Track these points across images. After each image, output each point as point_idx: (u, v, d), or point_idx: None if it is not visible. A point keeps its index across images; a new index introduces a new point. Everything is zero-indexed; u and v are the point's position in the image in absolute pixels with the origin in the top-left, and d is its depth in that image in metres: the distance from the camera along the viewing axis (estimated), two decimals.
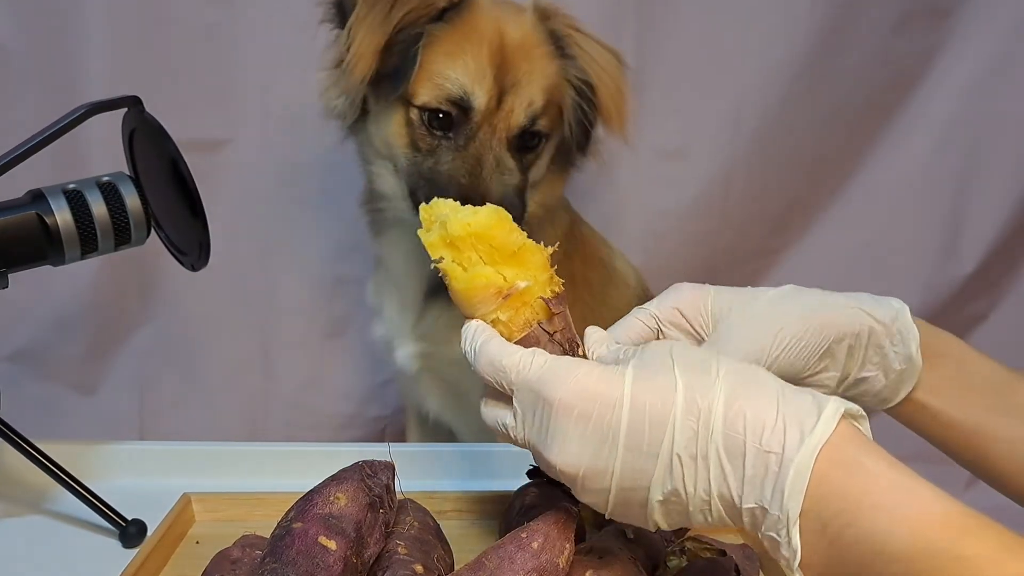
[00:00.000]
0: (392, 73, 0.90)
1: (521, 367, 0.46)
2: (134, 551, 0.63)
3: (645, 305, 0.59)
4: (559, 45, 0.95)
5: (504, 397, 0.48)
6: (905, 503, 0.38)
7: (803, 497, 0.39)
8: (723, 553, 0.59)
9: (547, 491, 0.65)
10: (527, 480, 0.68)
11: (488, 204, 0.53)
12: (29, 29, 1.14)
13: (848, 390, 0.58)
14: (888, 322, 0.56)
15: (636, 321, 0.57)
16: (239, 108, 1.20)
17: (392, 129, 0.94)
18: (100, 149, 1.14)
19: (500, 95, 0.90)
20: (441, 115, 0.91)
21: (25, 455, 0.70)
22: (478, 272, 0.51)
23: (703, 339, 0.56)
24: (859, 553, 0.38)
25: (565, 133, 0.98)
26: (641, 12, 1.20)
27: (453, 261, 0.52)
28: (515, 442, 0.48)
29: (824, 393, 0.43)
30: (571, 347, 0.51)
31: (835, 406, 0.41)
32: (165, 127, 0.69)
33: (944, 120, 1.29)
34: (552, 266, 0.53)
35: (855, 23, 1.23)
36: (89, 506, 0.71)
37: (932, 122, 1.29)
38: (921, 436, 0.61)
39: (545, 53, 0.94)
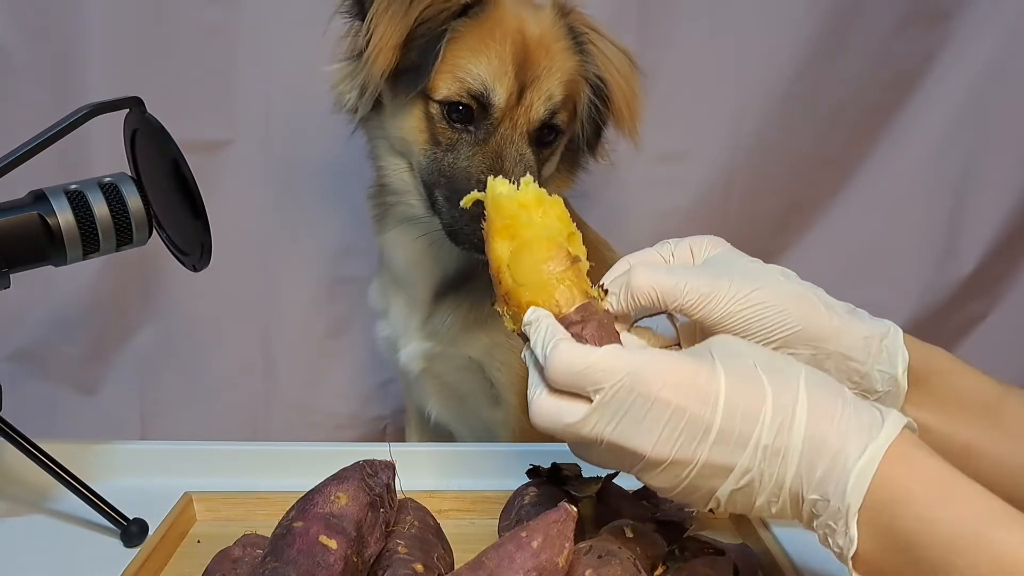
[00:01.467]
0: (412, 68, 0.89)
1: (607, 365, 0.46)
2: (135, 550, 0.63)
3: (668, 240, 0.59)
4: (577, 41, 0.96)
5: (570, 396, 0.47)
6: (949, 495, 0.42)
7: (865, 492, 0.43)
8: (722, 553, 0.59)
9: (547, 491, 0.65)
10: (527, 480, 0.68)
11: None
12: (29, 30, 1.14)
13: None
14: (877, 336, 0.54)
15: (654, 253, 0.58)
16: (240, 108, 1.20)
17: (411, 124, 0.94)
18: (102, 150, 1.14)
19: (521, 90, 0.91)
20: (461, 107, 0.91)
21: (27, 454, 0.71)
22: (555, 228, 0.52)
23: None
24: (906, 540, 0.42)
25: (577, 131, 0.98)
26: (643, 14, 1.21)
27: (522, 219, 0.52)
28: (582, 439, 0.47)
29: None
30: (610, 323, 0.52)
31: (898, 415, 0.45)
32: (166, 128, 0.69)
33: (944, 121, 1.29)
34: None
35: (855, 25, 1.23)
36: (90, 505, 0.71)
37: (932, 124, 1.29)
38: None
39: (564, 48, 0.95)
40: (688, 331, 0.58)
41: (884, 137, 1.31)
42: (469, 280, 1.01)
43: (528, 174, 0.55)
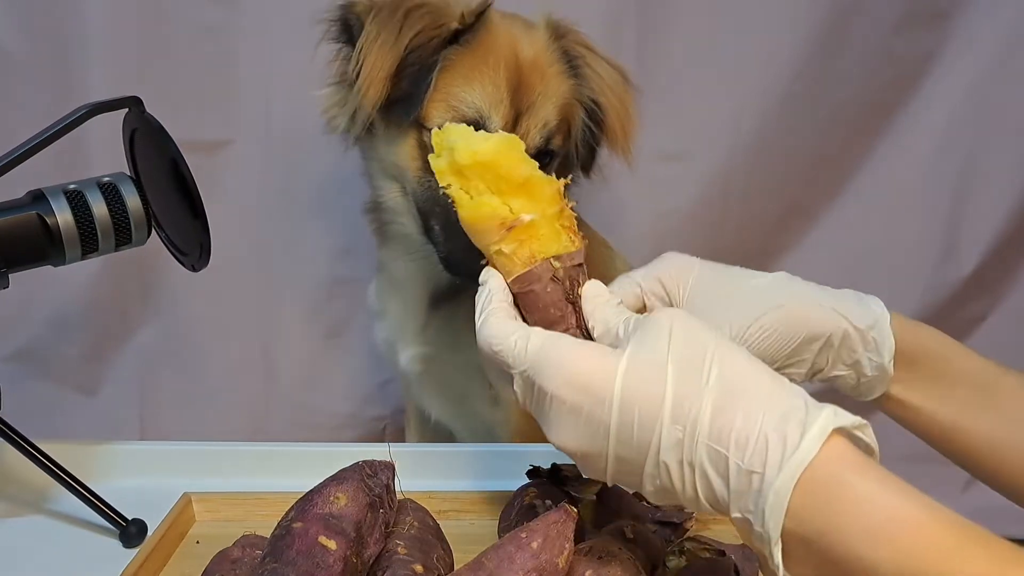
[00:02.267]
0: (404, 98, 0.88)
1: (516, 352, 0.47)
2: (134, 551, 0.63)
3: (631, 272, 0.59)
4: (571, 64, 0.94)
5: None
6: (890, 526, 0.37)
7: (784, 517, 0.38)
8: (722, 553, 0.59)
9: (547, 491, 0.65)
10: (527, 480, 0.68)
11: (500, 132, 0.53)
12: (29, 30, 1.14)
13: (821, 382, 0.59)
14: (864, 328, 0.57)
15: (620, 288, 0.58)
16: (239, 108, 1.20)
17: (404, 152, 0.92)
18: (101, 149, 1.14)
19: (516, 118, 0.89)
20: None
21: (26, 455, 0.70)
22: (483, 202, 0.50)
23: None
24: (849, 571, 0.38)
25: (571, 152, 0.97)
26: (642, 14, 1.20)
27: (461, 188, 0.51)
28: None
29: None
30: (572, 286, 0.51)
31: (823, 423, 0.39)
32: (166, 127, 0.69)
33: (944, 121, 1.29)
34: (563, 199, 0.52)
35: (855, 24, 1.23)
36: (90, 506, 0.71)
37: (932, 123, 1.29)
38: (904, 427, 0.61)
39: (558, 72, 0.93)
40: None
41: (884, 137, 1.31)
42: (464, 289, 1.00)
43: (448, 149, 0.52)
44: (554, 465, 0.68)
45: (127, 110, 0.71)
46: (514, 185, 0.51)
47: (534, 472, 0.69)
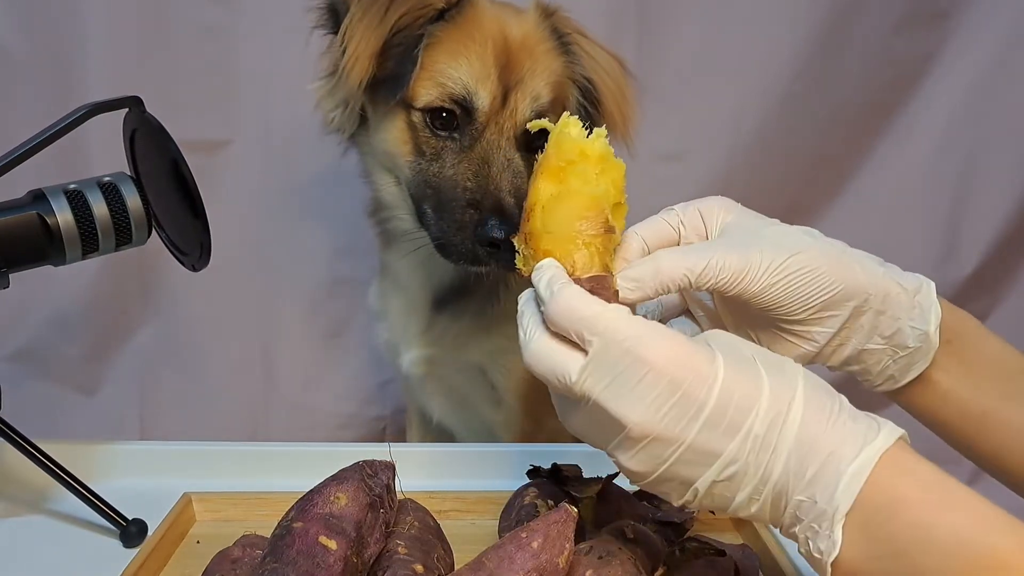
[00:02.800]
0: (390, 77, 0.87)
1: (609, 319, 0.45)
2: (135, 551, 0.63)
3: (675, 206, 0.57)
4: (562, 42, 0.94)
5: (568, 344, 0.46)
6: (947, 501, 0.41)
7: (856, 494, 0.41)
8: (722, 553, 0.59)
9: (547, 491, 0.65)
10: (527, 480, 0.68)
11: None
12: (29, 29, 1.14)
13: (848, 364, 0.56)
14: (911, 290, 0.54)
15: (662, 222, 0.56)
16: (239, 108, 1.20)
17: (394, 135, 0.92)
18: (101, 149, 1.14)
19: (505, 93, 0.89)
20: (444, 114, 0.88)
21: (26, 455, 0.70)
22: (605, 184, 0.50)
23: None
24: (898, 546, 0.41)
25: None
26: (642, 14, 1.21)
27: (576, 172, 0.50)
28: (569, 393, 0.46)
29: (810, 349, 0.52)
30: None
31: (893, 426, 0.44)
32: (166, 127, 0.69)
33: (944, 121, 1.30)
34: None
35: (855, 25, 1.23)
36: (90, 506, 0.71)
37: (932, 123, 1.30)
38: (922, 420, 0.59)
39: (549, 49, 0.92)
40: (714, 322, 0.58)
41: (884, 137, 1.31)
42: (469, 289, 1.00)
43: (596, 131, 0.51)
44: (554, 465, 0.68)
45: (127, 110, 0.71)
46: (617, 200, 0.51)
47: (534, 472, 0.69)
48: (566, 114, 0.53)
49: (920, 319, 0.54)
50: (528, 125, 0.56)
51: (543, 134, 0.89)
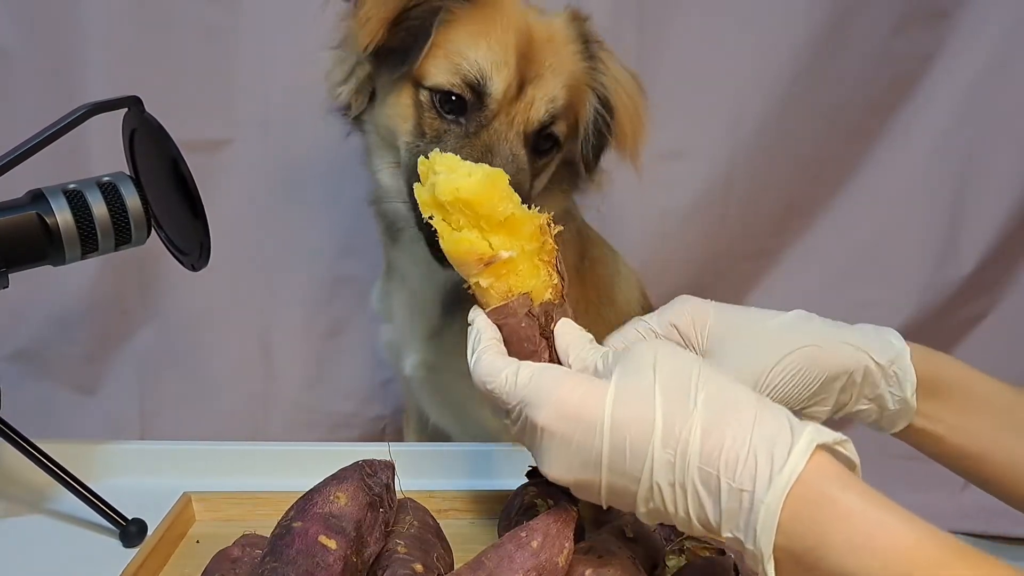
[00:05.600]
0: (400, 48, 0.84)
1: (507, 388, 0.48)
2: (134, 550, 0.63)
3: (645, 317, 0.59)
4: (588, 49, 0.92)
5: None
6: (876, 540, 0.38)
7: (775, 534, 0.39)
8: (722, 552, 0.59)
9: (547, 490, 0.65)
10: (527, 480, 0.68)
11: (484, 167, 0.53)
12: (29, 30, 1.14)
13: (842, 418, 0.59)
14: (886, 364, 0.57)
15: (634, 332, 0.58)
16: (239, 108, 1.20)
17: (397, 111, 0.88)
18: (101, 149, 1.14)
19: (521, 85, 0.85)
20: (454, 96, 0.84)
21: (25, 455, 0.71)
22: (462, 237, 0.52)
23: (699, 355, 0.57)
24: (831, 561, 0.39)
25: (578, 147, 0.94)
26: (641, 13, 1.21)
27: (443, 220, 0.52)
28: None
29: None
30: (547, 322, 0.52)
31: (808, 439, 0.40)
32: (165, 127, 0.69)
33: (943, 121, 1.29)
34: (546, 234, 0.53)
35: (854, 24, 1.23)
36: (89, 505, 0.71)
37: (931, 123, 1.29)
38: (924, 453, 0.61)
39: (574, 52, 0.90)
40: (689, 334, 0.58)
41: (884, 137, 1.31)
42: None
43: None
44: None
45: (127, 110, 0.71)
46: (495, 223, 0.52)
47: (534, 472, 0.68)
48: (434, 152, 0.55)
49: (897, 386, 0.57)
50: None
51: (550, 139, 0.90)
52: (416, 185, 0.54)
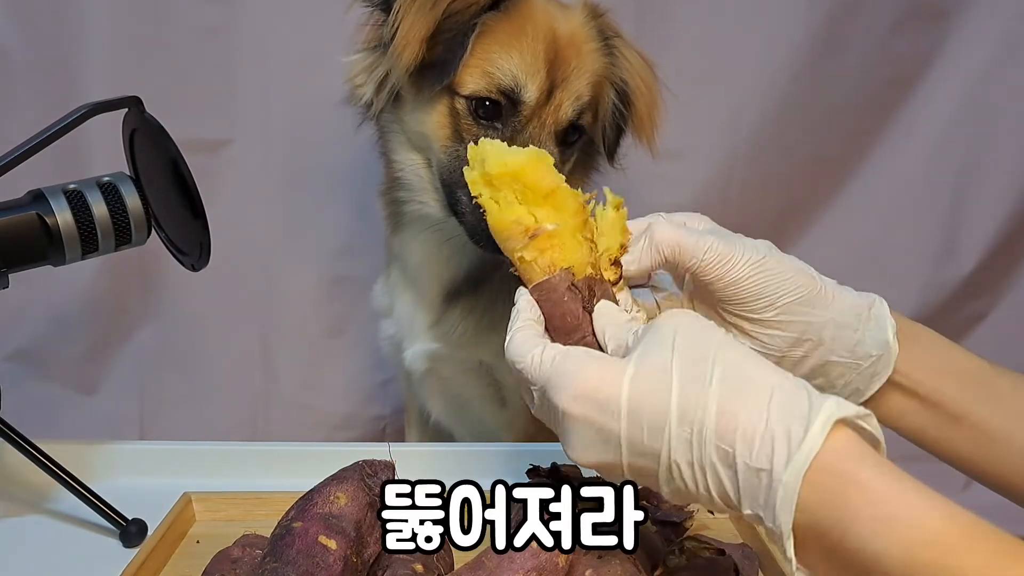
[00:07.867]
0: (438, 63, 0.87)
1: (532, 369, 0.48)
2: (134, 551, 0.63)
3: (659, 213, 0.59)
4: (607, 44, 0.95)
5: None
6: (897, 516, 0.37)
7: (794, 511, 0.39)
8: (722, 552, 0.59)
9: None
10: (527, 480, 0.68)
11: (531, 147, 0.54)
12: (29, 30, 1.14)
13: (811, 378, 0.56)
14: (866, 304, 0.56)
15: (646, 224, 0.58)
16: (239, 108, 1.20)
17: (434, 119, 0.91)
18: (101, 149, 1.14)
19: (551, 89, 0.89)
20: (489, 103, 0.88)
21: (25, 455, 0.71)
22: (509, 210, 0.53)
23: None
24: (859, 562, 0.38)
25: (598, 135, 0.98)
26: (641, 13, 1.21)
27: (491, 198, 0.53)
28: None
29: (771, 355, 0.51)
30: (590, 296, 0.53)
31: (826, 415, 0.40)
32: (165, 127, 0.69)
33: (943, 120, 1.29)
34: (587, 212, 0.54)
35: (854, 24, 1.23)
36: (89, 506, 0.71)
37: (931, 122, 1.29)
38: (901, 433, 0.59)
39: (593, 50, 0.94)
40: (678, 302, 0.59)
41: (883, 137, 1.31)
42: (482, 283, 1.00)
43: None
44: (554, 465, 0.68)
45: (127, 110, 0.71)
46: (540, 196, 0.53)
47: (534, 472, 0.69)
48: (484, 138, 0.56)
49: (877, 328, 0.56)
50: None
51: (576, 130, 0.94)
52: (465, 168, 0.55)
